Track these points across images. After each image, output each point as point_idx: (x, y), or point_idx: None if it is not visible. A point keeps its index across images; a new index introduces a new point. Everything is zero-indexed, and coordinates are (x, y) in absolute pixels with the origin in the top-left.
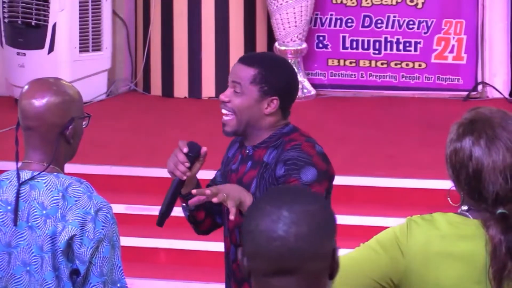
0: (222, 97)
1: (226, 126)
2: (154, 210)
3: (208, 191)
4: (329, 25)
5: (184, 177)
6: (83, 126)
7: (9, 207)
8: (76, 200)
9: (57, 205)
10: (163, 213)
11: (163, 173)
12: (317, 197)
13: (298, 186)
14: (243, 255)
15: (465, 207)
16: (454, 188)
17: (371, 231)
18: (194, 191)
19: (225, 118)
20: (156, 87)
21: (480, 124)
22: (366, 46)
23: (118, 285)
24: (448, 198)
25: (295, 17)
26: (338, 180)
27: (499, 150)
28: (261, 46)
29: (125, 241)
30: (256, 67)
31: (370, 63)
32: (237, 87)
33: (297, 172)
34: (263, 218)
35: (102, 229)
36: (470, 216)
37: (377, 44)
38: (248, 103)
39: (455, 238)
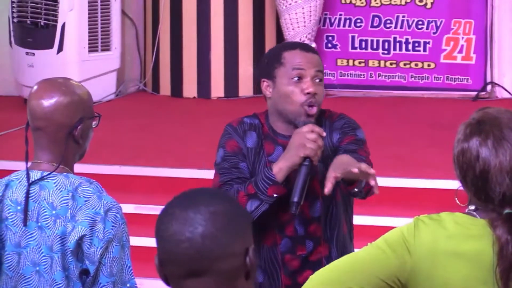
0: (312, 89)
1: (312, 116)
2: None
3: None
4: (338, 25)
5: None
6: (93, 126)
7: (18, 207)
8: (85, 200)
9: (67, 205)
10: (299, 202)
11: (172, 172)
12: (225, 197)
13: (205, 188)
14: (159, 261)
15: (472, 207)
16: (461, 188)
17: (379, 231)
18: (363, 166)
19: (312, 110)
20: (165, 87)
21: (487, 124)
22: (375, 46)
23: (128, 285)
24: (456, 198)
25: (304, 17)
26: None
27: (506, 151)
28: (270, 46)
29: (135, 241)
30: (316, 53)
31: (379, 63)
32: (319, 75)
33: (352, 131)
34: (171, 222)
35: (112, 229)
36: (477, 216)
37: (386, 44)
38: (324, 91)
39: (462, 238)
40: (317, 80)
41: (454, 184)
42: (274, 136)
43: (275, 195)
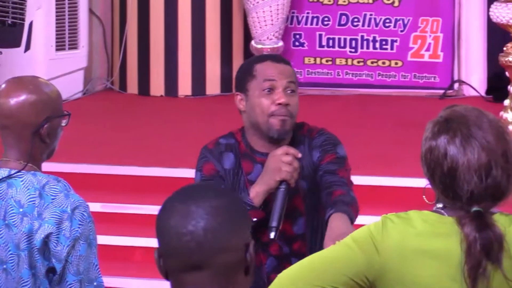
0: (284, 100)
1: (285, 125)
2: (131, 209)
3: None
4: (306, 23)
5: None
6: (63, 125)
7: None
8: (53, 199)
9: (34, 203)
10: (277, 227)
11: (140, 171)
12: (226, 192)
13: (206, 183)
14: (159, 255)
15: (440, 205)
16: (429, 186)
17: None
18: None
19: (282, 120)
20: (133, 85)
21: (455, 122)
22: (342, 45)
23: (95, 283)
24: (424, 196)
25: (271, 16)
26: None
27: (474, 149)
28: (237, 44)
29: (102, 239)
30: (288, 64)
31: (346, 61)
32: (291, 86)
33: (333, 149)
34: (172, 215)
35: (79, 227)
36: (445, 214)
37: (353, 42)
38: (298, 102)
39: (430, 236)
40: (289, 91)
41: (422, 182)
42: (252, 154)
43: (254, 220)
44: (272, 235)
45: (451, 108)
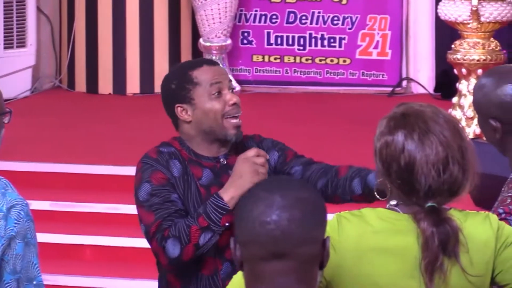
0: (236, 99)
1: (239, 128)
2: (79, 207)
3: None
4: (254, 21)
5: None
6: (5, 122)
7: None
8: None
9: None
10: None
11: (89, 169)
12: (308, 186)
13: (289, 176)
14: (235, 243)
15: (393, 202)
16: (380, 182)
17: None
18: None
19: (238, 121)
20: (81, 83)
21: (412, 117)
22: (290, 42)
23: (34, 282)
24: (375, 192)
25: (219, 13)
26: None
27: (432, 143)
28: (185, 42)
29: (50, 237)
30: (219, 64)
31: (294, 59)
32: (231, 84)
33: (285, 146)
34: (256, 204)
35: (14, 226)
36: (400, 211)
37: (301, 40)
38: None
39: (388, 233)
40: (231, 90)
41: None
42: (198, 160)
43: (227, 224)
44: None
45: (406, 104)
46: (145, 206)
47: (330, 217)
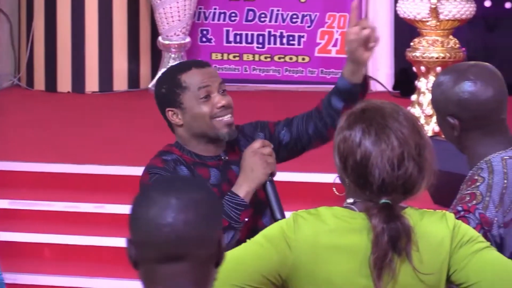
0: (224, 102)
1: (232, 125)
2: (39, 205)
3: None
4: (213, 19)
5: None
6: None
7: None
8: None
9: None
10: (284, 217)
11: (47, 168)
12: (204, 186)
13: (182, 175)
14: (130, 244)
15: (350, 200)
16: (338, 179)
17: None
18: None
19: (229, 119)
20: (40, 82)
21: (371, 113)
22: (249, 40)
23: None
24: (334, 188)
25: (178, 11)
26: None
27: (389, 139)
28: (144, 40)
29: (10, 236)
30: (210, 65)
31: (253, 57)
32: (222, 86)
33: (264, 121)
34: (151, 205)
35: None
36: (356, 209)
37: (260, 38)
38: None
39: (343, 232)
40: (222, 91)
41: (330, 178)
42: (201, 161)
43: (246, 220)
44: None
45: (368, 101)
46: None
47: (288, 215)
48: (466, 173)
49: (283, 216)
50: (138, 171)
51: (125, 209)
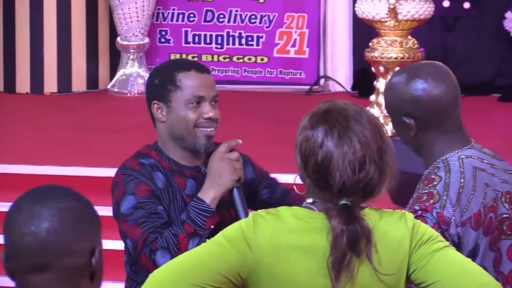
0: (212, 114)
1: (212, 138)
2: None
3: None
4: (171, 20)
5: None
6: None
7: None
8: None
9: None
10: None
11: (4, 168)
12: (76, 195)
13: (57, 185)
14: (5, 255)
15: (310, 200)
16: (299, 179)
17: None
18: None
19: (211, 131)
20: None
21: (334, 114)
22: (208, 41)
23: None
24: (294, 187)
25: (137, 12)
26: None
27: (351, 141)
28: (103, 41)
29: None
30: (210, 72)
31: (212, 57)
32: (216, 97)
33: (254, 163)
34: (18, 214)
35: None
36: (315, 209)
37: (219, 38)
38: None
39: (303, 232)
40: (213, 103)
41: (290, 178)
42: (179, 169)
43: (212, 227)
44: None
45: (331, 101)
46: (129, 220)
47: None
48: (423, 172)
49: None
50: (97, 172)
51: None
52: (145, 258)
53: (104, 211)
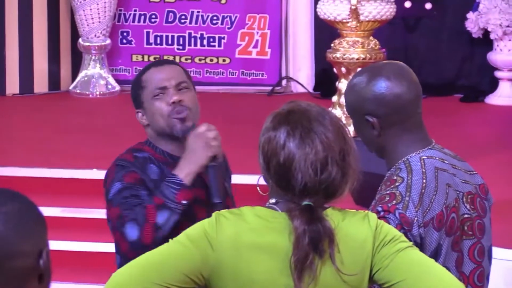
0: (175, 98)
1: (186, 120)
2: None
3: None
4: (133, 21)
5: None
6: None
7: None
8: None
9: None
10: (222, 202)
11: None
12: (18, 196)
13: (2, 188)
14: None
15: (273, 200)
16: (262, 179)
17: None
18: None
19: (182, 115)
20: None
21: (297, 115)
22: (170, 42)
23: None
24: (258, 187)
25: (98, 13)
26: None
27: (313, 142)
28: (65, 42)
29: None
30: (174, 63)
31: (174, 58)
32: (183, 84)
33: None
34: None
35: None
36: (278, 209)
37: (181, 39)
38: (195, 96)
39: (264, 231)
40: (180, 89)
41: (252, 179)
42: (173, 161)
43: (183, 202)
44: (218, 210)
45: (294, 102)
46: (111, 202)
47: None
48: (385, 173)
49: (220, 200)
50: (60, 173)
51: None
52: (118, 233)
53: (65, 212)
